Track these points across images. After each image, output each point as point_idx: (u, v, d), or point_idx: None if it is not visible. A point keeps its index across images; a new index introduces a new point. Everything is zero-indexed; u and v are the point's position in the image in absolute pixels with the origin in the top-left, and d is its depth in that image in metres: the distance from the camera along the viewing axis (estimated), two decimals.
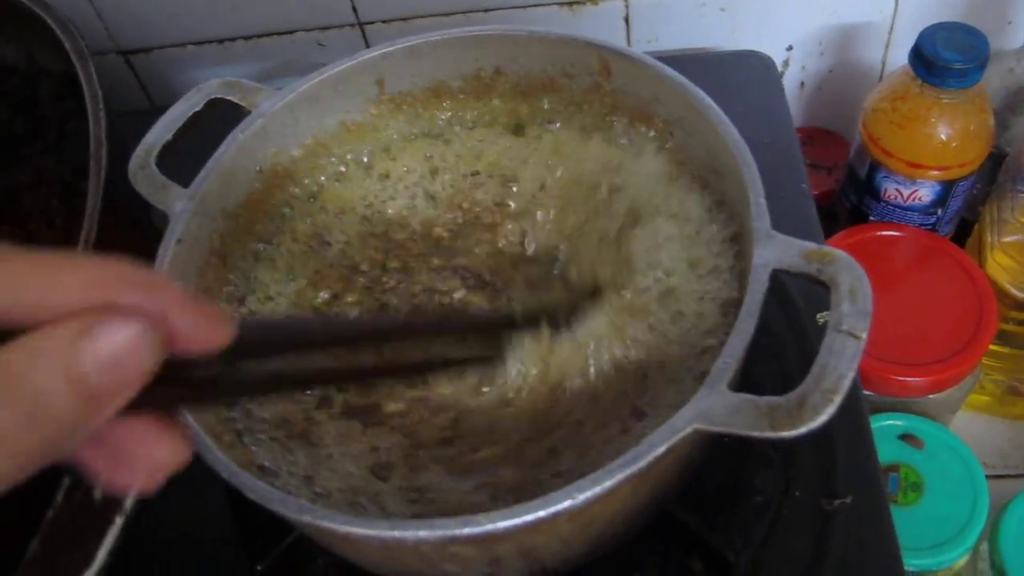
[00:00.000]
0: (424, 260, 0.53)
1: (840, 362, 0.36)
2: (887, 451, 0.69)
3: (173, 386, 0.30)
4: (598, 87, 0.54)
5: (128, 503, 0.37)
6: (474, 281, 0.52)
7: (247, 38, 0.81)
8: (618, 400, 0.45)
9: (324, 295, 0.53)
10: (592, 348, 0.46)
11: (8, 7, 0.62)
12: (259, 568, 0.50)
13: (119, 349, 0.27)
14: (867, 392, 0.69)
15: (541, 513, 0.35)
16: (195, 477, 0.40)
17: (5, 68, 0.69)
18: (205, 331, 0.30)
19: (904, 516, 0.66)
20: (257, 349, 0.35)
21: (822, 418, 0.35)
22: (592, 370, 0.46)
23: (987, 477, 0.68)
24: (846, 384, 0.36)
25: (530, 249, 0.53)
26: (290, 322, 0.48)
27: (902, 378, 0.68)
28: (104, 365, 0.26)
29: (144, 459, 0.29)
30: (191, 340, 0.29)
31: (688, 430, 0.36)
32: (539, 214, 0.53)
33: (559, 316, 0.47)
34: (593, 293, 0.49)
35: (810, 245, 0.40)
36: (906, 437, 0.70)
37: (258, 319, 0.49)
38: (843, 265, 0.39)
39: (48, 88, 0.68)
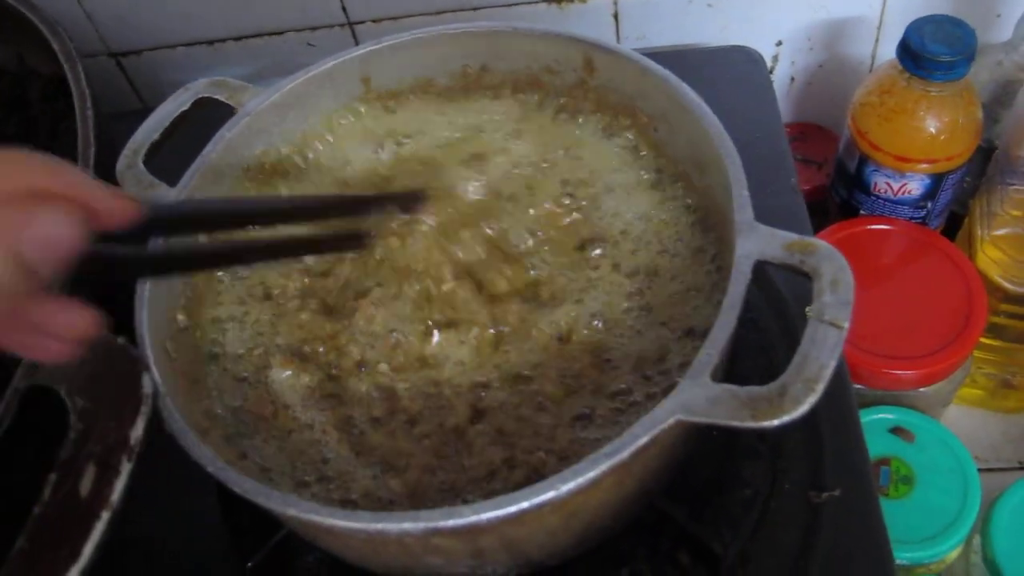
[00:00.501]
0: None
1: (822, 352, 0.36)
2: (878, 444, 0.69)
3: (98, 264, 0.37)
4: (583, 83, 0.54)
5: (115, 498, 0.37)
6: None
7: (237, 39, 0.81)
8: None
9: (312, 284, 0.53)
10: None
11: None
12: (249, 565, 0.50)
13: (52, 229, 0.33)
14: (858, 386, 0.69)
15: (524, 504, 0.35)
16: (184, 474, 0.40)
17: None
18: (120, 207, 0.37)
19: (895, 509, 0.66)
20: (168, 226, 0.44)
21: (803, 408, 0.35)
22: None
23: (979, 470, 0.68)
24: (827, 374, 0.36)
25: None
26: (196, 203, 0.51)
27: (893, 371, 0.68)
28: (41, 242, 0.33)
29: (60, 325, 0.35)
30: (110, 216, 0.36)
31: (670, 421, 0.36)
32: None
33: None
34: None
35: (792, 236, 0.40)
36: (897, 430, 0.70)
37: (168, 202, 0.51)
38: (825, 255, 0.39)
39: (39, 89, 0.68)
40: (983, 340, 0.73)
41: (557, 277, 0.49)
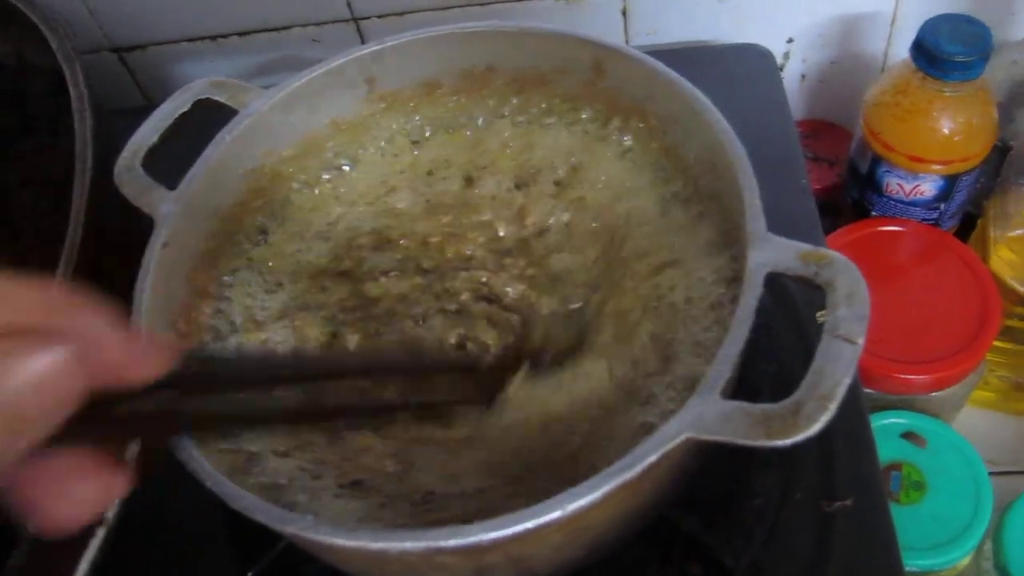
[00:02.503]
0: (415, 262, 0.53)
1: (836, 368, 0.35)
2: (889, 449, 0.68)
3: (111, 419, 0.29)
4: (592, 84, 0.53)
5: (111, 515, 0.37)
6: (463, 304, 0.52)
7: (241, 34, 0.80)
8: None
9: (317, 295, 0.52)
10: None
11: None
12: (250, 574, 0.50)
13: (41, 374, 0.26)
14: (869, 390, 0.68)
15: (529, 524, 0.34)
16: (186, 482, 0.39)
17: None
18: (138, 361, 0.29)
19: (906, 515, 0.66)
20: (206, 383, 0.34)
21: (817, 426, 0.34)
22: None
23: (991, 475, 0.68)
24: (842, 391, 0.35)
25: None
26: (244, 356, 0.46)
27: (904, 376, 0.67)
28: (25, 389, 0.26)
29: (72, 493, 0.28)
30: (123, 370, 0.29)
31: (680, 439, 0.35)
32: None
33: (541, 358, 0.47)
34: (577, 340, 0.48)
35: (806, 247, 0.39)
36: (908, 435, 0.69)
37: (210, 351, 0.47)
38: (840, 268, 0.38)
39: (38, 85, 0.67)
40: (996, 343, 0.72)
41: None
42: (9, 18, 0.61)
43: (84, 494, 0.28)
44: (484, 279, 0.52)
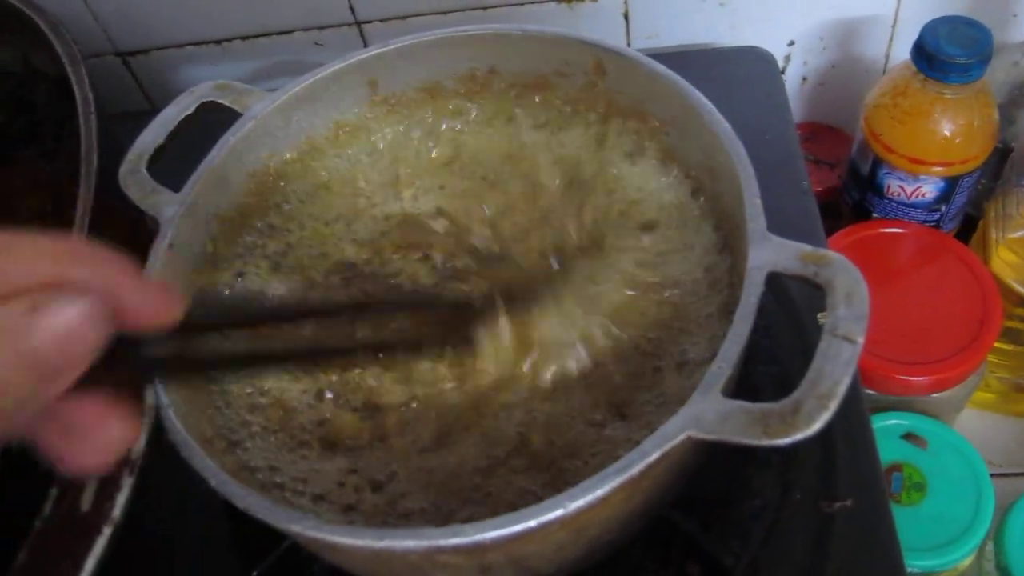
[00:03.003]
0: (418, 260, 0.53)
1: (836, 367, 0.36)
2: (890, 451, 0.68)
3: (127, 362, 0.31)
4: (593, 86, 0.53)
5: (117, 513, 0.37)
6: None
7: (244, 38, 0.80)
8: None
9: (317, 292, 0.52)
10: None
11: (1, 9, 0.62)
12: (255, 573, 0.50)
13: (68, 325, 0.27)
14: (870, 391, 0.69)
15: (532, 523, 0.34)
16: (190, 482, 0.39)
17: (0, 71, 0.68)
18: (155, 307, 0.31)
19: (907, 516, 0.66)
20: (211, 326, 0.35)
21: (817, 425, 0.34)
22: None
23: (992, 476, 0.68)
24: (842, 390, 0.35)
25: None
26: (245, 300, 0.48)
27: (905, 377, 0.67)
28: (53, 341, 0.27)
29: (96, 437, 0.30)
30: (141, 316, 0.30)
31: (681, 437, 0.35)
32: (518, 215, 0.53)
33: (517, 297, 0.48)
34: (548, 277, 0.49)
35: (806, 247, 0.39)
36: (909, 436, 0.69)
37: (211, 295, 0.49)
38: (839, 268, 0.38)
39: (44, 91, 0.68)
40: (997, 344, 0.72)
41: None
42: (15, 23, 0.62)
43: (106, 437, 0.30)
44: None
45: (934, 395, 0.69)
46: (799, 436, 0.35)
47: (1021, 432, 0.79)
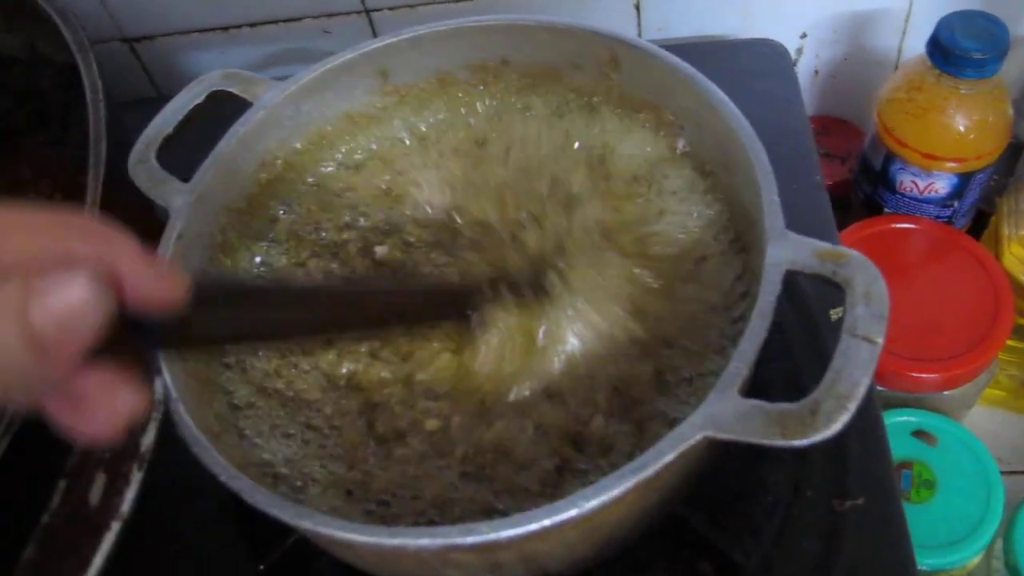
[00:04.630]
0: (427, 254, 0.52)
1: (855, 368, 0.35)
2: (900, 448, 0.68)
3: (134, 335, 0.31)
4: (606, 78, 0.53)
5: (126, 508, 0.37)
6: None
7: (252, 25, 0.80)
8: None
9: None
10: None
11: None
12: (262, 567, 0.50)
13: (68, 302, 0.27)
14: (880, 388, 0.68)
15: (546, 522, 0.34)
16: (197, 476, 0.39)
17: (7, 58, 0.68)
18: (157, 286, 0.30)
19: (917, 514, 0.65)
20: (214, 305, 0.35)
21: (836, 426, 0.34)
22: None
23: (1002, 474, 0.67)
24: (861, 391, 0.35)
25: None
26: (249, 281, 0.48)
27: (916, 374, 0.67)
28: (55, 318, 0.27)
29: (105, 407, 0.30)
30: (142, 295, 0.30)
31: (697, 437, 0.35)
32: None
33: (521, 282, 0.47)
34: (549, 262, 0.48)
35: (824, 245, 0.39)
36: (919, 433, 0.69)
37: (216, 275, 0.49)
38: (858, 266, 0.38)
39: (50, 79, 0.67)
40: (1008, 342, 0.71)
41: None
42: (23, 10, 0.61)
43: (115, 406, 0.30)
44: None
45: (945, 392, 0.68)
46: (817, 437, 0.34)
47: None
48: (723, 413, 0.35)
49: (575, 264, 0.48)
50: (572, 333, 0.46)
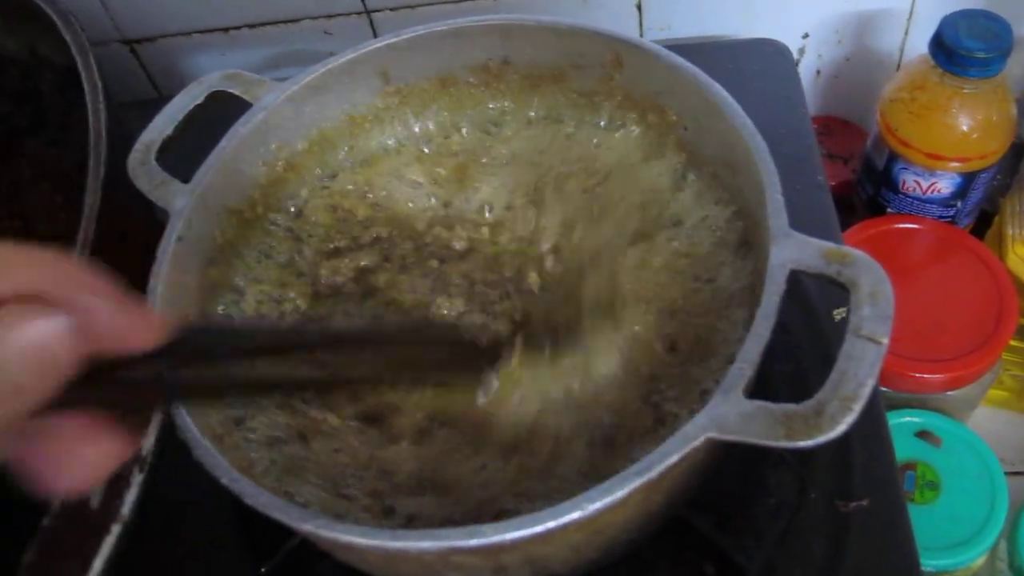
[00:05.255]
0: (426, 260, 0.52)
1: (860, 369, 0.35)
2: (904, 449, 0.67)
3: (110, 386, 0.30)
4: (609, 79, 0.53)
5: (127, 511, 0.36)
6: (476, 290, 0.51)
7: (252, 26, 0.80)
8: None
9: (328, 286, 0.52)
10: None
11: None
12: (264, 570, 0.49)
13: (33, 341, 0.27)
14: (883, 388, 0.68)
15: (550, 524, 0.34)
16: (198, 477, 0.39)
17: (6, 60, 0.68)
18: (132, 330, 0.30)
19: (921, 515, 0.65)
20: (203, 353, 0.34)
21: (841, 428, 0.34)
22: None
23: (1006, 474, 0.67)
24: (866, 392, 0.34)
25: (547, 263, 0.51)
26: (243, 325, 0.46)
27: (920, 374, 0.67)
28: (18, 356, 0.26)
29: (78, 458, 0.29)
30: (115, 338, 0.29)
31: (701, 439, 0.35)
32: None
33: (543, 341, 0.47)
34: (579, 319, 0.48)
35: (829, 245, 0.39)
36: (923, 434, 0.68)
37: (206, 321, 0.47)
38: (863, 267, 0.38)
39: (50, 80, 0.67)
40: (1012, 342, 0.71)
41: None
42: (22, 11, 0.61)
43: (87, 457, 0.29)
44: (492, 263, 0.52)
45: (948, 393, 0.68)
46: (822, 439, 0.34)
47: None
48: (727, 414, 0.35)
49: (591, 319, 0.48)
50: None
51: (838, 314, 0.56)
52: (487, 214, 0.53)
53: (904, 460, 0.67)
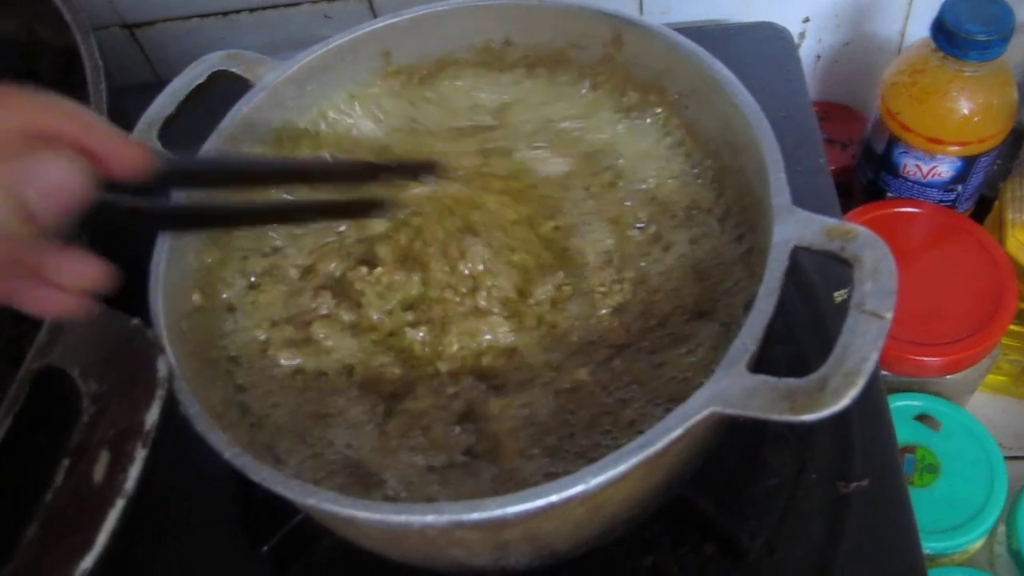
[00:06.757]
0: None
1: (863, 344, 0.35)
2: (903, 432, 0.68)
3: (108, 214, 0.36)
4: (610, 58, 0.53)
5: (130, 485, 0.36)
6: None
7: (252, 10, 0.79)
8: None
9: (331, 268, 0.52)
10: None
11: None
12: (264, 549, 0.50)
13: (56, 178, 0.32)
14: (883, 372, 0.68)
15: (553, 498, 0.34)
16: (198, 458, 0.39)
17: (5, 41, 0.67)
18: (126, 155, 0.35)
19: (920, 498, 0.65)
20: (181, 181, 0.42)
21: (844, 402, 0.34)
22: None
23: (1004, 459, 0.67)
24: (869, 367, 0.34)
25: None
26: (210, 158, 0.50)
27: (919, 358, 0.67)
28: (43, 191, 0.32)
29: (69, 272, 0.34)
30: (114, 163, 0.35)
31: (704, 413, 0.35)
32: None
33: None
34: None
35: (832, 221, 0.39)
36: (922, 418, 0.68)
37: (185, 155, 0.50)
38: (867, 242, 0.38)
39: (49, 62, 0.67)
40: (1011, 327, 0.71)
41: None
42: None
43: (81, 270, 0.34)
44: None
45: (947, 376, 0.68)
46: (825, 412, 0.34)
47: None
48: (731, 388, 0.35)
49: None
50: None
51: (838, 296, 0.56)
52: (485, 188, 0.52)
53: (903, 443, 0.67)
